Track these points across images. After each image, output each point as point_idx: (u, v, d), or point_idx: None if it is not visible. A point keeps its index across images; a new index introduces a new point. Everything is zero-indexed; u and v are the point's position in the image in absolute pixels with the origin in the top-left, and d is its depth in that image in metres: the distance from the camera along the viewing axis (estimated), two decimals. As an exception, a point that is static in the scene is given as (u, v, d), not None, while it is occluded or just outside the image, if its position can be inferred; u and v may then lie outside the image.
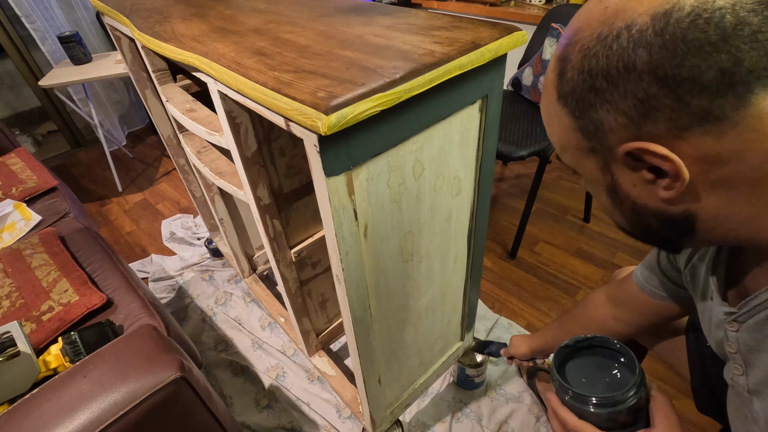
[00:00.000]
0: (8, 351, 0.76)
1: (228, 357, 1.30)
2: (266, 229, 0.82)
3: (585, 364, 0.54)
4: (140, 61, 1.11)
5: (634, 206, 0.38)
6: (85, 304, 0.94)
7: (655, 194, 0.35)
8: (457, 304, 0.94)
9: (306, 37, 0.64)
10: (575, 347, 0.54)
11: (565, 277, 1.48)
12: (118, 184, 2.16)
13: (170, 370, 0.65)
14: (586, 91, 0.34)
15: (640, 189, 0.36)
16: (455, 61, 0.51)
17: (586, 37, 0.33)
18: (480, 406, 1.13)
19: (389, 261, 0.66)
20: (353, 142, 0.48)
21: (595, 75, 0.32)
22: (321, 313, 1.13)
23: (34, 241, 1.11)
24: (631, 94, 0.31)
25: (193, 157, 0.94)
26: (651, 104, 0.31)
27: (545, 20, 1.55)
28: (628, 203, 0.38)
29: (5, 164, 1.49)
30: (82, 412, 0.59)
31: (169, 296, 1.53)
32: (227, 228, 1.29)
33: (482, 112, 0.64)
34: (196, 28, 0.74)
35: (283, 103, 0.46)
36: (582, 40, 0.33)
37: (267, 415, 1.15)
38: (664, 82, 0.30)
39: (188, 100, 0.88)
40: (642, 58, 0.30)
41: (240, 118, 0.67)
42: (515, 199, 1.88)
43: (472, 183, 0.73)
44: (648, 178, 0.35)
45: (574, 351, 0.54)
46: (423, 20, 0.66)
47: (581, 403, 0.48)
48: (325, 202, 0.50)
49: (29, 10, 2.00)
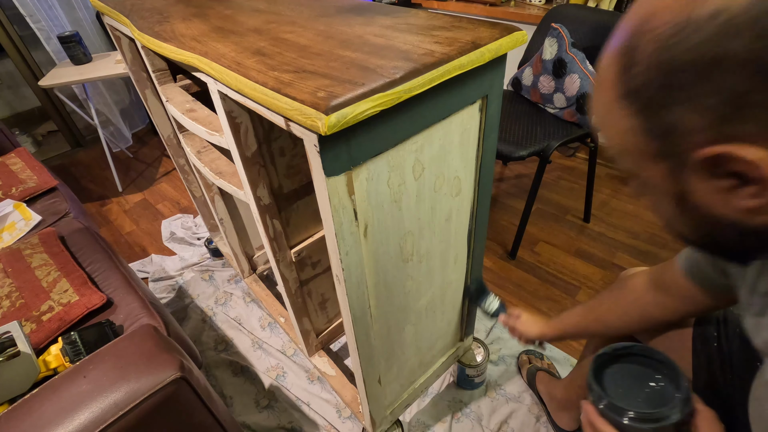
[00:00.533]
0: (8, 351, 0.76)
1: (228, 357, 1.30)
2: (266, 229, 0.82)
3: (623, 373, 0.51)
4: (140, 61, 1.11)
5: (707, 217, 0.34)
6: (85, 304, 0.94)
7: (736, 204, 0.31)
8: (456, 304, 0.94)
9: (306, 37, 0.64)
10: (613, 355, 0.51)
11: (565, 277, 1.48)
12: (118, 184, 2.16)
13: (170, 370, 0.65)
14: (660, 88, 0.30)
15: (717, 198, 0.32)
16: (455, 61, 0.51)
17: (660, 26, 0.29)
18: (480, 406, 1.13)
19: (389, 261, 0.66)
20: (353, 142, 0.48)
21: (673, 69, 0.28)
22: (321, 313, 1.13)
23: (34, 241, 1.11)
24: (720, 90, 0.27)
25: (193, 157, 0.94)
26: (744, 102, 0.27)
27: (545, 20, 1.55)
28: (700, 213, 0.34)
29: (5, 164, 1.49)
30: (82, 412, 0.59)
31: (169, 296, 1.53)
32: (227, 228, 1.29)
33: (482, 112, 0.64)
34: (196, 28, 0.74)
35: (283, 103, 0.46)
36: (655, 28, 0.29)
37: (267, 415, 1.15)
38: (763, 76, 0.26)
39: (188, 100, 0.88)
40: (735, 48, 0.26)
41: (240, 118, 0.68)
42: (515, 199, 1.88)
43: (472, 183, 0.73)
44: (728, 186, 0.31)
45: (612, 359, 0.52)
46: (423, 20, 0.66)
47: (621, 415, 0.45)
48: (325, 202, 0.50)
49: (33, 10, 2.00)
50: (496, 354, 1.25)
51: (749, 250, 0.36)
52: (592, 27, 1.42)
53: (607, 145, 0.37)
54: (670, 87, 0.29)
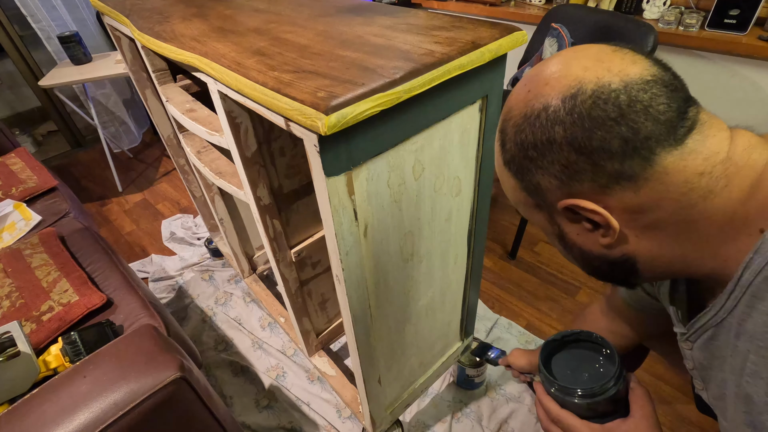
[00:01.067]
0: (8, 351, 0.76)
1: (228, 357, 1.30)
2: (266, 229, 0.82)
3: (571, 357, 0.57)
4: (140, 61, 1.11)
5: (582, 252, 0.43)
6: (85, 304, 0.94)
7: (596, 241, 0.40)
8: (457, 304, 0.94)
9: (306, 37, 0.64)
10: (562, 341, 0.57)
11: (565, 277, 1.48)
12: (118, 184, 2.16)
13: (170, 370, 0.65)
14: (521, 159, 0.40)
15: (584, 237, 0.41)
16: (455, 61, 0.51)
17: (516, 116, 0.39)
18: (480, 406, 1.13)
19: (389, 261, 0.66)
20: (353, 142, 0.48)
21: (526, 147, 0.39)
22: (321, 313, 1.13)
23: (34, 241, 1.11)
24: (556, 161, 0.37)
25: (193, 157, 0.94)
26: (574, 169, 0.37)
27: (545, 20, 1.55)
28: (576, 249, 0.44)
29: (5, 164, 1.49)
30: (82, 412, 0.59)
31: (169, 296, 1.53)
32: (227, 228, 1.29)
33: (482, 112, 0.64)
34: (196, 28, 0.74)
35: (283, 103, 0.46)
36: (514, 117, 0.40)
37: (267, 415, 1.15)
38: (580, 151, 0.36)
39: (188, 100, 0.88)
40: (559, 132, 0.36)
41: (240, 118, 0.67)
42: (515, 199, 1.88)
43: (472, 183, 0.73)
44: (588, 228, 0.40)
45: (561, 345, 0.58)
46: (423, 20, 0.66)
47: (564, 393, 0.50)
48: (325, 202, 0.50)
49: (34, 10, 2.00)
50: (496, 354, 1.25)
51: (622, 277, 0.44)
52: (592, 27, 1.41)
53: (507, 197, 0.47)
54: (527, 159, 0.39)
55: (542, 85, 0.37)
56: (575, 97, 0.35)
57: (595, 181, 0.36)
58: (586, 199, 0.37)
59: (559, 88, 0.36)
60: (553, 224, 0.43)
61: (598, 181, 0.36)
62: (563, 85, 0.36)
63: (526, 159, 0.39)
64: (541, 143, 0.37)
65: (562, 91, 0.36)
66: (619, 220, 0.37)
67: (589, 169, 0.36)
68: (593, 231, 0.40)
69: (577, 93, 0.35)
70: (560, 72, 0.37)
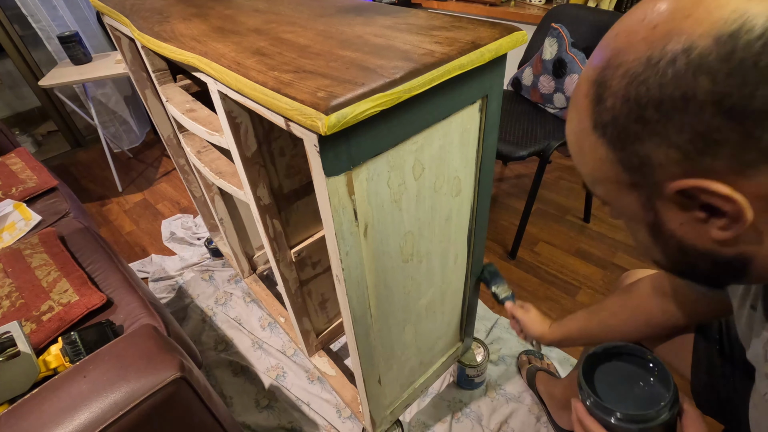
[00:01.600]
0: (8, 351, 0.76)
1: (228, 357, 1.30)
2: (266, 229, 0.82)
3: (613, 373, 0.51)
4: (140, 61, 1.11)
5: (680, 246, 0.35)
6: (85, 304, 0.94)
7: (707, 234, 0.32)
8: (457, 304, 0.94)
9: (306, 37, 0.64)
10: (604, 354, 0.52)
11: (565, 277, 1.48)
12: (118, 184, 2.16)
13: (170, 370, 0.65)
14: (631, 122, 0.30)
15: (689, 228, 0.33)
16: (455, 61, 0.51)
17: (631, 60, 0.29)
18: (480, 406, 1.13)
19: (389, 261, 0.66)
20: (353, 142, 0.48)
21: (644, 105, 0.29)
22: (321, 313, 1.13)
23: (34, 241, 1.11)
24: (689, 126, 0.28)
25: (193, 157, 0.94)
26: (713, 138, 0.27)
27: (545, 20, 1.55)
28: (673, 242, 0.35)
29: (5, 164, 1.49)
30: (82, 412, 0.59)
31: (169, 296, 1.53)
32: (227, 228, 1.29)
33: (482, 112, 0.64)
34: (196, 28, 0.74)
35: (283, 103, 0.46)
36: (626, 63, 0.29)
37: (267, 415, 1.15)
38: (731, 115, 0.26)
39: (188, 100, 0.88)
40: (704, 86, 0.26)
41: (240, 118, 0.67)
42: (515, 199, 1.88)
43: (472, 183, 0.73)
44: (700, 218, 0.31)
45: (602, 358, 0.52)
46: (423, 20, 0.66)
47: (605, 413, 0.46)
48: (325, 202, 0.50)
49: (34, 10, 2.00)
50: (496, 354, 1.25)
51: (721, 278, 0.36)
52: (592, 27, 1.42)
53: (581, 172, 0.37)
54: (641, 121, 0.29)
55: (680, 18, 0.27)
56: (737, 36, 0.25)
57: (738, 157, 0.27)
58: (716, 180, 0.28)
59: (710, 23, 0.26)
60: (648, 209, 0.34)
61: (741, 158, 0.27)
62: (716, 19, 0.26)
63: (638, 122, 0.29)
64: (671, 100, 0.27)
65: (715, 27, 0.26)
66: (752, 211, 0.29)
67: (735, 141, 0.27)
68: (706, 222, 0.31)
69: (740, 30, 0.25)
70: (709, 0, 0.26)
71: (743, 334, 0.47)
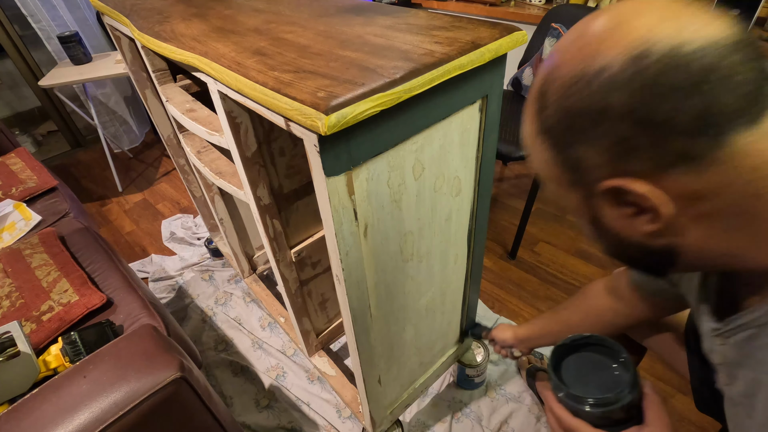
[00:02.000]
0: (8, 351, 0.76)
1: (228, 357, 1.30)
2: (266, 229, 0.82)
3: (581, 362, 0.55)
4: (140, 61, 1.11)
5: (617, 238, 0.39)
6: (85, 304, 0.94)
7: (637, 228, 0.36)
8: (457, 304, 0.94)
9: (306, 37, 0.64)
10: (572, 345, 0.55)
11: (565, 277, 1.48)
12: (118, 184, 2.16)
13: (170, 370, 0.65)
14: (565, 129, 0.34)
15: (622, 222, 0.37)
16: (455, 61, 0.51)
17: (564, 75, 0.33)
18: (480, 406, 1.13)
19: (389, 261, 0.66)
20: (353, 142, 0.48)
21: (574, 114, 0.33)
22: (321, 313, 1.13)
23: (34, 241, 1.11)
24: (610, 134, 0.32)
25: (193, 157, 0.94)
26: (629, 144, 0.31)
27: (545, 20, 1.55)
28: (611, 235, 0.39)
29: (5, 164, 1.49)
30: (82, 412, 0.59)
31: (169, 296, 1.53)
32: (227, 228, 1.29)
33: (482, 112, 0.64)
34: (196, 28, 0.74)
35: (283, 103, 0.46)
36: (560, 77, 0.33)
37: (267, 415, 1.15)
38: (641, 125, 0.30)
39: (188, 100, 0.88)
40: (618, 100, 0.30)
41: (240, 118, 0.67)
42: (515, 199, 1.88)
43: (472, 183, 0.73)
44: (629, 213, 0.35)
45: (570, 349, 0.56)
46: (423, 20, 0.66)
47: (576, 401, 0.49)
48: (325, 202, 0.50)
49: (34, 10, 2.00)
50: (496, 354, 1.25)
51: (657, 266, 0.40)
52: (592, 27, 1.41)
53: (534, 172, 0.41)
54: (572, 129, 0.34)
55: (599, 42, 0.31)
56: (641, 59, 0.29)
57: (653, 160, 0.31)
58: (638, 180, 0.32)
59: (622, 47, 0.30)
60: (587, 206, 0.38)
61: (656, 161, 0.31)
62: (627, 43, 0.30)
63: (570, 129, 0.34)
64: (593, 111, 0.32)
65: (626, 51, 0.30)
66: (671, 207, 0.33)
67: (647, 146, 0.31)
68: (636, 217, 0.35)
69: (644, 54, 0.29)
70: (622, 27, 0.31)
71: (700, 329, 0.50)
